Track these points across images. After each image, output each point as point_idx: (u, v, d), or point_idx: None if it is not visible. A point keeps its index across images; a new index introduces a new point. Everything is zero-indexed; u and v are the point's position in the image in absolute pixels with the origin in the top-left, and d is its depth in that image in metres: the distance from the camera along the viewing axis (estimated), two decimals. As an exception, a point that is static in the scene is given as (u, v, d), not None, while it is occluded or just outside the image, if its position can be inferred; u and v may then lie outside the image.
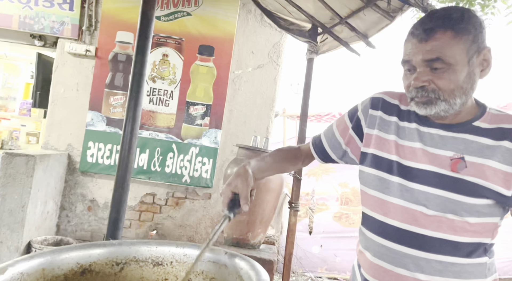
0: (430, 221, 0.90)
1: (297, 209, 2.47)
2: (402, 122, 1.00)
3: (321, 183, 4.35)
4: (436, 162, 0.91)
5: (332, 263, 4.18)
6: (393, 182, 0.96)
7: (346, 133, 1.12)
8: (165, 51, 3.53)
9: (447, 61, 0.86)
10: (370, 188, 1.01)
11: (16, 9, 3.46)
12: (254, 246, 2.58)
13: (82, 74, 3.56)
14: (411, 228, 0.92)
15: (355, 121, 1.10)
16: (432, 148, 0.93)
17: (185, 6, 3.53)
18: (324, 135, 1.19)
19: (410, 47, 0.90)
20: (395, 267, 0.93)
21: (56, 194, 3.41)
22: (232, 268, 0.82)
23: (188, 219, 3.59)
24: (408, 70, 0.93)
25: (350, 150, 1.12)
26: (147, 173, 3.50)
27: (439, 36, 0.86)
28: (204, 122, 3.54)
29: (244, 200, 0.97)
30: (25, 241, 3.00)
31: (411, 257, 0.92)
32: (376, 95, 1.08)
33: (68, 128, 3.55)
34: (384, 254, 0.96)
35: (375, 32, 2.23)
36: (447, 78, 0.87)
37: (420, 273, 0.91)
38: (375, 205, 1.00)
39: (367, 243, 1.02)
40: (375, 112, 1.05)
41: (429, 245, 0.90)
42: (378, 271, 0.97)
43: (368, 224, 1.02)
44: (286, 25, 2.64)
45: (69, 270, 0.80)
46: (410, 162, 0.95)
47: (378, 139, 1.02)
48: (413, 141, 0.96)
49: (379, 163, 1.00)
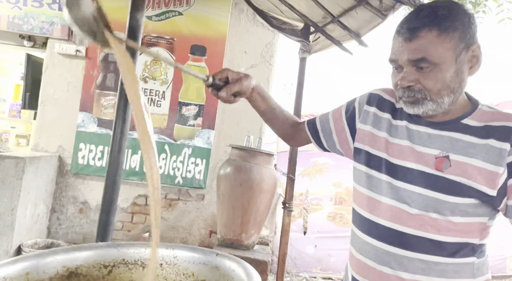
0: (413, 219, 0.89)
1: (290, 209, 2.46)
2: (395, 121, 0.99)
3: (315, 183, 4.35)
4: (421, 160, 0.91)
5: (327, 263, 4.18)
6: (382, 180, 0.95)
7: (339, 122, 1.11)
8: (157, 51, 3.50)
9: (432, 60, 0.84)
10: (361, 185, 1.01)
11: (5, 9, 3.41)
12: (248, 247, 2.56)
13: (72, 75, 3.52)
14: (394, 226, 0.92)
15: (350, 113, 1.10)
16: (419, 146, 0.92)
17: (176, 5, 3.50)
18: (319, 119, 1.17)
19: (396, 46, 0.89)
20: (378, 265, 0.93)
21: (46, 196, 3.36)
22: (223, 270, 0.80)
23: (181, 220, 3.56)
24: (396, 68, 0.92)
25: (338, 140, 1.12)
26: (139, 175, 3.47)
27: (424, 34, 0.85)
28: (196, 123, 3.51)
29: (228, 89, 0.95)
30: (15, 244, 2.95)
31: (393, 255, 0.91)
32: (374, 91, 1.08)
33: (58, 130, 3.51)
34: (368, 251, 0.96)
35: (367, 30, 2.23)
36: (433, 78, 0.86)
37: (403, 272, 0.90)
38: (363, 202, 1.00)
39: (353, 240, 1.02)
40: (370, 108, 1.05)
41: (411, 244, 0.90)
42: (362, 268, 0.97)
43: (356, 221, 1.02)
44: (279, 25, 2.63)
45: (55, 273, 0.78)
46: (397, 160, 0.94)
47: (370, 135, 1.02)
48: (402, 139, 0.96)
49: (369, 160, 1.00)
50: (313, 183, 4.34)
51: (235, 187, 2.47)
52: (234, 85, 0.96)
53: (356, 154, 1.05)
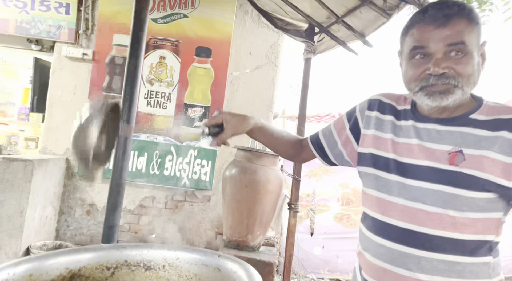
0: (430, 218, 0.88)
1: (296, 210, 2.45)
2: (399, 121, 0.99)
3: (322, 184, 4.33)
4: (433, 157, 0.89)
5: (334, 264, 4.16)
6: (391, 180, 0.94)
7: (343, 134, 1.11)
8: (162, 54, 3.52)
9: (468, 45, 0.85)
10: (369, 187, 1.00)
11: (13, 14, 3.45)
12: (253, 248, 2.55)
13: (79, 78, 3.55)
14: (410, 226, 0.90)
15: (352, 122, 1.10)
16: (429, 143, 0.91)
17: (181, 8, 3.52)
18: (322, 133, 1.18)
19: (424, 33, 0.88)
20: (395, 267, 0.91)
21: (55, 198, 3.40)
22: (225, 271, 0.80)
23: (187, 221, 3.57)
24: (421, 57, 0.89)
25: (345, 152, 1.12)
26: (146, 176, 3.48)
27: (457, 21, 0.86)
28: (202, 125, 3.52)
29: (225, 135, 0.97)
30: (24, 246, 2.98)
31: (411, 257, 0.89)
32: (373, 97, 1.08)
33: (66, 133, 3.54)
34: (383, 254, 0.93)
35: (372, 30, 2.21)
36: (465, 64, 0.86)
37: (421, 273, 0.88)
38: (374, 204, 0.98)
39: (366, 243, 1.00)
40: (371, 113, 1.05)
41: (430, 244, 0.88)
42: (378, 271, 0.95)
43: (368, 223, 1.00)
44: (283, 25, 2.62)
45: (58, 275, 0.78)
46: (407, 159, 0.93)
47: (374, 138, 1.01)
48: (410, 138, 0.95)
49: (376, 161, 0.98)
50: (319, 184, 4.33)
51: (241, 188, 2.47)
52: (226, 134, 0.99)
53: (361, 158, 1.04)
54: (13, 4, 3.45)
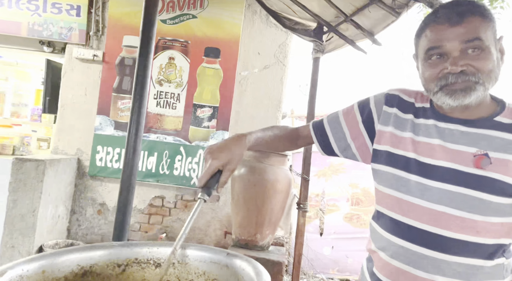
0: (453, 221, 0.86)
1: (305, 210, 2.45)
2: (418, 120, 0.96)
3: (331, 184, 4.32)
4: (457, 159, 0.87)
5: (344, 264, 4.14)
6: (411, 180, 0.91)
7: (355, 127, 1.07)
8: (171, 54, 3.54)
9: (485, 41, 0.84)
10: (386, 187, 0.97)
11: (25, 16, 3.51)
12: (263, 247, 2.56)
13: (90, 79, 3.60)
14: (432, 229, 0.88)
15: (366, 115, 1.05)
16: (452, 144, 0.89)
17: (190, 8, 3.54)
18: (328, 123, 1.12)
19: (440, 32, 0.87)
20: (413, 269, 0.89)
21: (66, 198, 3.44)
22: (233, 269, 0.80)
23: (197, 221, 3.59)
24: (438, 57, 0.88)
25: (354, 144, 1.07)
26: (156, 176, 3.51)
27: (472, 19, 0.85)
28: (211, 124, 3.54)
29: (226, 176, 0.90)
30: (37, 245, 3.03)
31: (430, 259, 0.87)
32: (391, 92, 1.04)
33: (77, 133, 3.59)
34: (401, 255, 0.91)
35: (380, 29, 2.20)
36: (484, 59, 0.85)
37: (439, 276, 0.87)
38: (391, 204, 0.95)
39: (382, 243, 0.98)
40: (390, 109, 1.01)
41: (450, 247, 0.86)
42: (394, 272, 0.93)
43: (384, 223, 0.98)
44: (291, 25, 2.62)
45: (70, 272, 0.80)
46: (428, 159, 0.91)
47: (392, 136, 0.98)
48: (431, 137, 0.92)
49: (394, 160, 0.96)
50: (329, 183, 4.31)
51: (249, 188, 2.48)
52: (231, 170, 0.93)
53: (376, 156, 1.01)
54: (26, 7, 3.51)
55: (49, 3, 3.51)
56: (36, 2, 3.51)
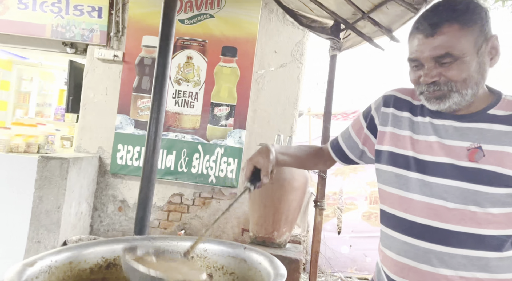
0: (452, 214, 0.88)
1: (322, 208, 2.45)
2: (416, 118, 0.99)
3: (349, 182, 4.30)
4: (452, 154, 0.90)
5: (362, 263, 4.11)
6: (412, 178, 0.95)
7: (361, 133, 1.13)
8: (189, 54, 3.59)
9: (455, 54, 0.85)
10: (389, 186, 1.00)
11: (49, 19, 3.62)
12: (280, 245, 2.57)
13: (110, 79, 3.68)
14: (433, 223, 0.90)
15: (369, 121, 1.11)
16: (447, 140, 0.92)
17: (208, 8, 3.58)
18: (341, 136, 1.20)
19: (416, 44, 0.90)
20: (419, 264, 0.92)
21: (88, 195, 3.54)
22: (251, 263, 0.83)
23: (214, 218, 3.63)
24: (415, 66, 0.92)
25: (367, 149, 1.13)
26: (174, 174, 3.57)
27: (446, 29, 0.85)
28: (228, 123, 3.57)
29: (264, 173, 1.01)
30: (61, 240, 3.13)
31: (434, 253, 0.90)
32: (387, 93, 1.09)
33: (98, 132, 3.68)
34: (406, 251, 0.94)
35: (399, 25, 2.18)
36: (457, 69, 0.86)
37: (445, 269, 0.89)
38: (394, 202, 0.98)
39: (387, 241, 1.00)
40: (387, 110, 1.05)
41: (452, 240, 0.88)
42: (402, 268, 0.95)
43: (388, 221, 1.01)
44: (308, 23, 2.62)
45: (95, 263, 0.84)
46: (426, 156, 0.94)
47: (392, 136, 1.02)
48: (428, 135, 0.95)
49: (395, 159, 0.99)
50: (346, 182, 4.29)
51: (266, 186, 2.49)
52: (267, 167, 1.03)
53: (378, 156, 1.05)
54: (50, 9, 3.62)
55: (72, 5, 3.61)
56: (59, 5, 3.62)
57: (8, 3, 3.62)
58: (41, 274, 0.72)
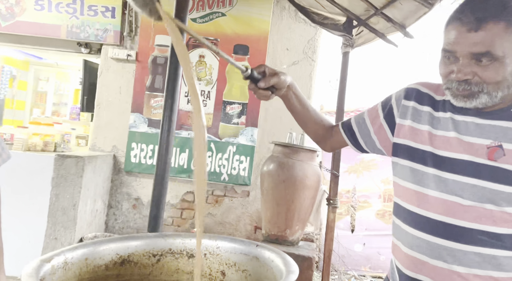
0: (467, 211, 0.87)
1: (335, 206, 2.44)
2: (437, 113, 0.97)
3: (362, 180, 4.26)
4: (471, 151, 0.88)
5: (376, 261, 4.08)
6: (428, 173, 0.93)
7: (376, 122, 1.09)
8: (202, 53, 3.61)
9: (496, 55, 0.81)
10: (404, 180, 0.99)
11: (64, 19, 3.68)
12: (292, 242, 2.57)
13: (124, 78, 3.73)
14: (447, 219, 0.89)
15: (387, 110, 1.08)
16: (467, 137, 0.90)
17: (219, 7, 3.59)
18: (354, 121, 1.15)
19: (455, 36, 0.85)
20: (432, 259, 0.91)
21: (103, 193, 3.60)
22: (263, 260, 0.83)
23: (227, 216, 3.65)
24: (448, 58, 0.88)
25: (378, 139, 1.10)
26: (187, 172, 3.60)
27: (491, 26, 0.81)
28: (240, 121, 3.58)
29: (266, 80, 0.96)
30: (77, 237, 3.19)
31: (447, 249, 0.89)
32: (410, 86, 1.06)
33: (112, 130, 3.73)
34: (419, 246, 0.93)
35: (413, 21, 2.15)
36: (493, 71, 0.82)
37: (457, 265, 0.88)
38: (409, 196, 0.97)
39: (400, 235, 1.00)
40: (408, 103, 1.03)
41: (466, 237, 0.87)
42: (414, 263, 0.95)
43: (402, 215, 1.00)
44: (320, 20, 2.61)
45: (110, 260, 0.85)
46: (444, 152, 0.92)
47: (411, 130, 1.00)
48: (448, 130, 0.93)
49: (412, 154, 0.97)
50: (360, 180, 4.26)
51: (279, 184, 2.49)
52: (272, 78, 0.98)
53: (396, 149, 1.03)
54: (65, 10, 3.68)
55: (86, 6, 3.67)
56: (74, 5, 3.67)
57: (24, 4, 3.70)
58: (58, 270, 0.73)
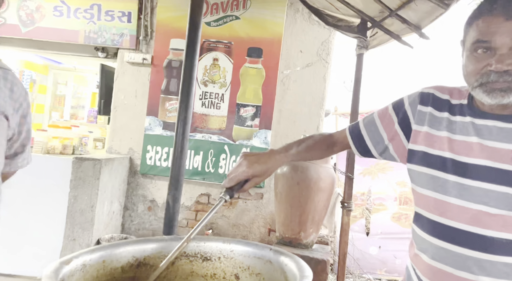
0: (494, 220, 0.83)
1: (350, 209, 2.42)
2: (454, 117, 0.93)
3: (378, 182, 4.22)
4: (495, 156, 0.84)
5: (392, 264, 4.03)
6: (448, 180, 0.89)
7: (391, 128, 1.06)
8: (216, 56, 3.64)
9: None
10: (423, 187, 0.95)
11: (82, 25, 3.76)
12: (306, 245, 2.56)
13: (139, 82, 3.78)
14: (472, 228, 0.85)
15: (402, 116, 1.04)
16: (490, 141, 0.86)
17: (233, 10, 3.61)
18: (364, 127, 1.11)
19: (490, 25, 0.82)
20: (457, 270, 0.87)
21: (120, 195, 3.66)
22: (276, 264, 0.83)
23: (241, 218, 3.66)
24: (484, 51, 0.84)
25: (392, 146, 1.06)
26: (202, 174, 3.63)
27: None
28: (254, 123, 3.59)
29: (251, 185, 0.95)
30: (95, 239, 3.24)
31: (474, 260, 0.85)
32: (425, 91, 1.02)
33: (128, 133, 3.79)
34: (443, 257, 0.89)
35: (428, 22, 2.12)
36: None
37: (485, 277, 0.84)
38: (429, 205, 0.94)
39: (423, 245, 0.96)
40: (425, 108, 0.99)
41: (493, 247, 0.83)
42: (437, 274, 0.91)
43: (423, 225, 0.96)
44: (334, 22, 2.60)
45: (126, 262, 0.87)
46: (465, 158, 0.88)
47: (428, 136, 0.96)
48: (468, 135, 0.89)
49: (430, 160, 0.94)
50: (375, 182, 4.21)
51: (292, 186, 2.49)
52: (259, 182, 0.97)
53: (411, 156, 0.99)
54: (83, 16, 3.76)
55: (103, 11, 3.74)
56: (91, 11, 3.75)
57: (44, 11, 3.79)
58: (76, 272, 0.75)
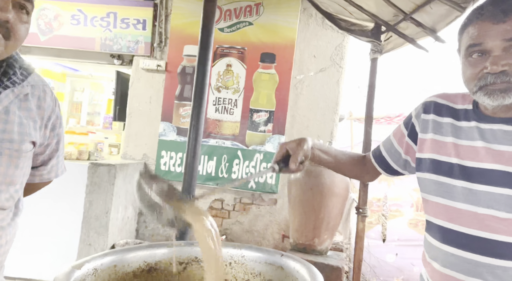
0: (504, 224, 0.82)
1: (365, 215, 2.38)
2: (459, 122, 0.94)
3: (394, 188, 4.15)
4: (502, 160, 0.84)
5: (409, 272, 3.95)
6: (456, 186, 0.89)
7: (403, 142, 1.09)
8: (229, 62, 3.66)
9: None
10: (431, 194, 0.96)
11: (98, 33, 3.84)
12: (321, 252, 2.53)
13: (154, 88, 3.83)
14: (482, 234, 0.84)
15: (410, 128, 1.07)
16: (496, 145, 0.86)
17: (246, 16, 3.63)
18: (383, 146, 1.16)
19: (481, 30, 0.84)
20: (469, 277, 0.86)
21: (134, 200, 3.68)
22: (288, 270, 0.82)
23: (255, 224, 3.65)
24: (479, 55, 0.85)
25: (410, 159, 1.09)
26: (215, 180, 3.63)
27: None
28: (267, 129, 3.59)
29: (294, 159, 1.01)
30: (110, 244, 3.28)
31: (486, 266, 0.84)
32: (427, 99, 1.05)
33: (143, 139, 3.83)
34: (454, 264, 0.88)
35: (444, 25, 2.09)
36: None
37: None
38: (438, 211, 0.93)
39: (433, 253, 0.95)
40: (427, 116, 1.01)
41: (505, 252, 0.82)
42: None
43: (433, 232, 0.96)
44: (348, 26, 2.58)
45: (137, 267, 0.87)
46: (472, 163, 0.88)
47: (434, 142, 0.97)
48: (474, 140, 0.89)
49: (437, 167, 0.94)
50: (391, 188, 4.16)
51: (306, 191, 2.47)
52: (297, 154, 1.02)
53: (419, 164, 1.01)
54: (99, 24, 3.84)
55: (119, 19, 3.81)
56: (107, 19, 3.83)
57: (62, 19, 3.89)
58: (88, 276, 0.76)
